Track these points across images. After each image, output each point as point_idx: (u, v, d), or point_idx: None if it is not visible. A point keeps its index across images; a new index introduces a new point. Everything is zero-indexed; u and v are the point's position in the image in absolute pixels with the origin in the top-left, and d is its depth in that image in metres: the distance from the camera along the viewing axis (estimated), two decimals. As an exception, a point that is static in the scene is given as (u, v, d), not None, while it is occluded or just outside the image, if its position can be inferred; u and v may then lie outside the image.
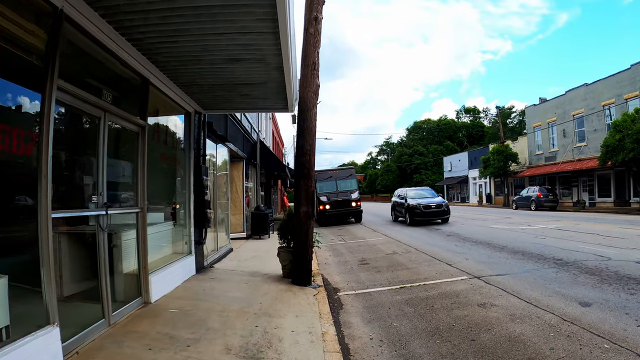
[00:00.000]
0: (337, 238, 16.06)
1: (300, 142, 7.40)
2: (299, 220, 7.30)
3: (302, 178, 7.33)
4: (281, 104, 8.08)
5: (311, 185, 7.31)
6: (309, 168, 7.35)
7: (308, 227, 7.29)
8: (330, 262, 10.70)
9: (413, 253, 11.18)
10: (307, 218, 7.28)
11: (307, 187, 7.29)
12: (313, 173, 7.42)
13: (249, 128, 17.02)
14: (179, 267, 7.48)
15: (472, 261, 9.58)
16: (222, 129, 11.83)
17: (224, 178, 12.38)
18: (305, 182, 7.30)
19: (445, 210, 19.94)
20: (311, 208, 7.30)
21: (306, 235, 7.28)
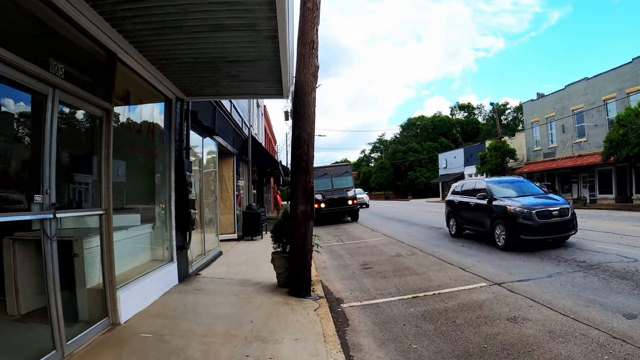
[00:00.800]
0: (334, 239, 15.11)
1: (297, 132, 6.42)
2: (296, 221, 6.32)
3: (300, 172, 6.34)
4: (275, 88, 7.09)
5: (310, 181, 6.33)
6: (307, 161, 6.37)
7: (307, 229, 6.31)
8: (329, 266, 9.74)
9: (419, 255, 10.25)
10: (306, 218, 6.30)
11: (305, 182, 6.31)
12: (312, 166, 6.44)
13: (239, 122, 16.00)
14: (157, 278, 6.47)
15: (487, 264, 8.68)
16: (210, 121, 10.83)
17: (212, 175, 11.36)
18: (304, 176, 6.32)
19: (572, 221, 10.56)
20: (310, 207, 6.33)
21: (304, 238, 6.30)
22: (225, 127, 13.28)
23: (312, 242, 6.64)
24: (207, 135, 10.67)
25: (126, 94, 5.80)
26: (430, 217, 22.58)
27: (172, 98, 7.57)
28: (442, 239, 12.83)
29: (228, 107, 13.40)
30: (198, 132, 9.69)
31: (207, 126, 9.81)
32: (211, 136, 11.15)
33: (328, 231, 18.13)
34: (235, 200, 15.08)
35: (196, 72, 6.26)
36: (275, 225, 7.22)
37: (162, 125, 7.37)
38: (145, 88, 6.40)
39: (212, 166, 11.29)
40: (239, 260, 10.36)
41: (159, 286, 6.62)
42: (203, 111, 10.02)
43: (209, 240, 10.54)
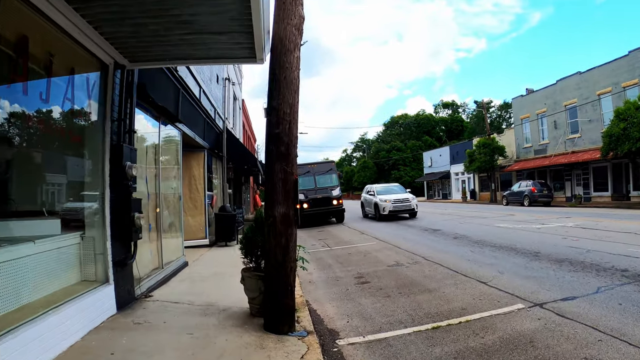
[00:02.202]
0: (320, 243, 13.32)
1: (275, 103, 4.62)
2: (273, 228, 4.51)
3: (278, 160, 4.54)
4: (245, 47, 5.25)
5: (292, 172, 4.55)
6: (289, 144, 4.58)
7: (288, 240, 4.51)
8: (316, 280, 7.96)
9: (423, 264, 8.55)
10: (287, 225, 4.50)
11: (285, 174, 4.51)
12: (295, 152, 4.66)
13: (211, 112, 14.09)
14: (79, 309, 4.61)
15: (511, 275, 7.05)
16: (172, 105, 8.94)
17: (174, 170, 9.45)
18: (283, 166, 4.52)
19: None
20: (293, 209, 4.53)
21: (285, 252, 4.49)
22: (193, 116, 11.38)
23: (297, 256, 4.84)
24: (167, 121, 8.79)
25: (31, 49, 3.93)
26: (422, 217, 20.97)
27: (110, 64, 5.69)
28: (444, 243, 11.18)
29: (197, 93, 11.51)
30: (152, 115, 7.81)
31: (163, 107, 7.91)
32: (173, 123, 9.26)
33: (312, 234, 16.33)
34: (207, 201, 13.17)
35: (130, 15, 4.39)
36: (246, 233, 5.40)
37: (94, 99, 5.49)
38: (67, 46, 4.59)
39: (173, 160, 9.38)
40: (206, 273, 8.50)
41: (83, 321, 4.73)
42: (162, 92, 8.15)
43: (169, 249, 8.64)
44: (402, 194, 21.57)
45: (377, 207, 20.62)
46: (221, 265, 9.38)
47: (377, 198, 21.17)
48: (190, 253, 11.10)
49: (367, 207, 23.31)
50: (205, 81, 12.78)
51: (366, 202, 23.64)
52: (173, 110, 9.01)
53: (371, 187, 24.33)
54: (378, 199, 20.88)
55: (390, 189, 22.72)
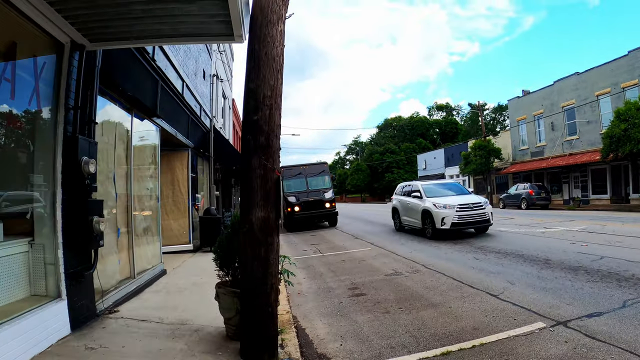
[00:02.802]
0: (311, 249, 12.51)
1: (253, 85, 3.83)
2: (249, 236, 3.71)
3: (256, 153, 3.75)
4: (220, 21, 4.43)
5: (274, 167, 3.76)
6: (270, 133, 3.78)
7: (268, 251, 3.71)
8: (306, 291, 7.16)
9: (424, 273, 7.77)
10: (267, 232, 3.70)
11: (264, 170, 3.72)
12: (278, 144, 3.87)
13: (197, 109, 13.27)
14: (19, 332, 3.84)
15: (523, 286, 6.31)
16: (149, 97, 8.15)
17: (150, 169, 8.62)
18: (262, 160, 3.72)
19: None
20: (275, 212, 3.73)
21: (264, 266, 3.69)
22: (175, 111, 10.57)
23: (280, 269, 4.05)
24: (142, 115, 7.98)
25: None
26: (418, 221, 20.25)
27: (66, 43, 4.90)
28: (444, 249, 10.42)
29: (179, 87, 10.71)
30: (122, 106, 6.99)
31: (136, 98, 7.11)
32: (150, 118, 8.45)
33: (304, 238, 15.52)
34: (192, 203, 12.34)
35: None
36: (220, 240, 4.60)
37: (39, 80, 4.67)
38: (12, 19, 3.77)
39: (150, 158, 8.56)
40: (185, 284, 7.68)
41: (26, 345, 3.94)
42: (136, 82, 7.36)
43: (143, 256, 7.82)
44: (467, 195, 13.83)
45: (430, 216, 12.83)
46: (204, 273, 8.54)
47: (427, 202, 13.24)
48: (172, 259, 10.28)
49: (407, 216, 15.09)
50: (189, 75, 11.97)
51: (404, 208, 15.41)
52: (150, 103, 8.20)
53: (414, 185, 15.52)
54: (430, 204, 13.01)
55: (446, 189, 14.55)
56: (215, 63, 17.68)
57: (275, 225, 3.73)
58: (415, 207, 14.12)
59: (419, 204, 13.73)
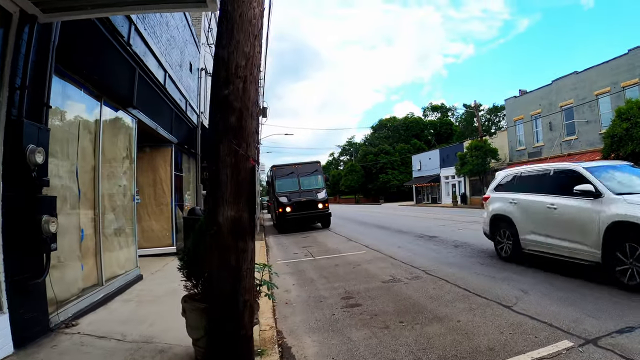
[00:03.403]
0: (302, 251, 11.75)
1: (224, 52, 3.09)
2: (216, 241, 2.96)
3: (226, 136, 3.00)
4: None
5: (247, 153, 3.02)
6: (243, 111, 3.04)
7: (240, 259, 2.96)
8: (294, 300, 6.41)
9: (426, 280, 7.05)
10: (238, 236, 2.96)
11: (236, 158, 2.97)
12: (254, 125, 3.13)
13: (182, 103, 12.50)
14: None
15: (538, 296, 5.63)
16: (124, 85, 7.40)
17: (124, 164, 7.84)
18: (232, 145, 2.98)
19: None
20: (248, 210, 2.98)
21: (235, 278, 2.94)
22: (156, 104, 9.80)
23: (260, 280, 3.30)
24: (115, 104, 7.21)
25: None
26: (415, 222, 19.57)
27: (14, 12, 4.17)
28: (445, 253, 9.71)
29: (161, 78, 9.94)
30: (89, 92, 6.21)
31: (104, 84, 6.34)
32: (125, 108, 7.68)
33: (295, 240, 14.77)
34: (175, 203, 11.56)
35: None
36: (187, 247, 3.85)
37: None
38: None
39: (124, 152, 7.77)
40: (160, 291, 6.91)
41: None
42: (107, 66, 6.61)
43: (114, 260, 7.04)
44: None
45: None
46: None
47: (622, 204, 5.91)
48: (152, 263, 9.52)
49: (546, 233, 7.28)
50: (173, 66, 11.20)
51: (534, 217, 7.64)
52: (125, 92, 7.45)
53: (570, 167, 7.31)
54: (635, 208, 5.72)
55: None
56: (204, 57, 16.91)
57: (250, 227, 2.99)
58: (573, 217, 6.73)
59: (590, 208, 6.39)
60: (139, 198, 11.03)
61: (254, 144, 3.05)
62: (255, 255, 3.13)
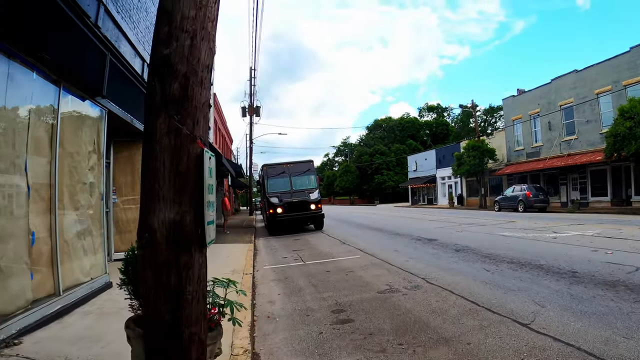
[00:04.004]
0: (292, 255, 10.96)
1: (168, 2, 2.28)
2: (150, 253, 2.16)
3: (165, 108, 2.21)
4: None
5: (195, 136, 2.23)
6: (190, 76, 2.25)
7: (183, 278, 2.18)
8: (279, 314, 5.62)
9: (427, 290, 6.28)
10: (179, 246, 2.17)
11: (178, 138, 2.20)
12: (205, 95, 2.34)
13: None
14: None
15: (558, 310, 4.87)
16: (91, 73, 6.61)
17: (91, 159, 7.01)
18: (171, 121, 2.19)
19: None
20: (193, 212, 2.19)
21: (176, 302, 2.16)
22: (132, 95, 8.98)
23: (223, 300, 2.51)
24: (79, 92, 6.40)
25: None
26: (412, 224, 18.83)
27: None
28: (446, 258, 8.96)
29: (138, 67, 9.15)
30: (42, 75, 5.40)
31: (63, 68, 5.54)
32: (92, 97, 6.87)
33: (285, 243, 13.97)
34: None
35: None
36: (127, 258, 3.07)
37: None
38: None
39: (90, 146, 6.95)
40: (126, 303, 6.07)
41: None
42: (69, 49, 5.79)
43: (75, 268, 6.22)
44: None
45: None
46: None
47: None
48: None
49: None
50: (153, 56, 10.38)
51: None
52: (93, 80, 6.65)
53: None
54: None
55: None
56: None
57: (197, 234, 2.21)
58: None
59: None
60: (116, 197, 10.24)
61: (204, 122, 2.28)
62: (205, 270, 2.33)
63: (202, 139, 2.23)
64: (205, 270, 2.33)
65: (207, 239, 2.26)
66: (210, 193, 2.32)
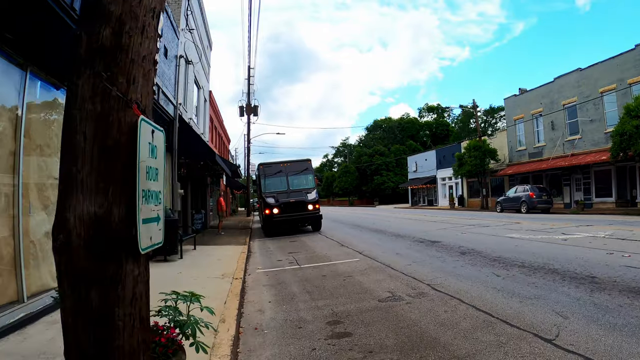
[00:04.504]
0: (287, 258, 10.35)
1: None
2: (65, 260, 1.55)
3: (91, 63, 1.61)
4: None
5: (130, 100, 1.63)
6: (126, 23, 1.65)
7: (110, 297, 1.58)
8: (267, 325, 5.01)
9: (433, 298, 5.68)
10: (102, 252, 1.56)
11: (105, 104, 1.59)
12: (147, 49, 1.75)
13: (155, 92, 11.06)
14: None
15: (583, 322, 4.28)
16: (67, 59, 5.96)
17: (44, 152, 6.40)
18: (97, 79, 1.58)
19: None
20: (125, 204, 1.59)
21: (102, 332, 1.56)
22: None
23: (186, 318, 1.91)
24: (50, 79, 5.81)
25: None
26: (413, 225, 18.22)
27: None
28: (451, 262, 8.37)
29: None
30: (4, 56, 4.81)
31: (29, 49, 4.95)
32: (65, 85, 6.26)
33: (281, 245, 13.36)
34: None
35: None
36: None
37: None
38: None
39: (45, 135, 6.34)
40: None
41: None
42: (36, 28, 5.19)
43: (42, 272, 5.62)
44: None
45: None
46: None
47: None
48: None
49: None
50: (140, 46, 9.79)
51: None
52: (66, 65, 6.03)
53: None
54: None
55: None
56: (184, 44, 15.51)
57: (129, 236, 1.61)
58: None
59: None
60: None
61: (145, 83, 1.70)
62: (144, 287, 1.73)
63: (139, 104, 1.64)
64: (144, 286, 1.74)
65: (144, 242, 1.67)
66: (152, 180, 1.74)
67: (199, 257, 10.61)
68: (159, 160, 1.92)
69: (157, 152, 1.86)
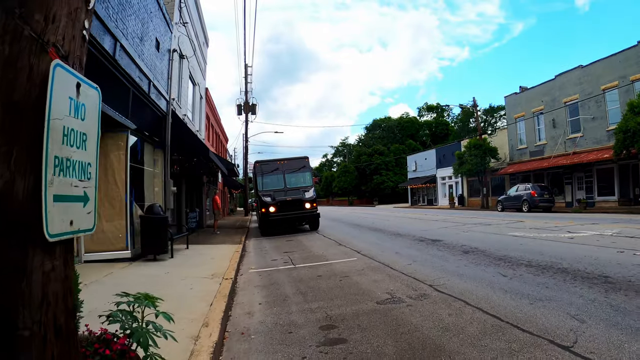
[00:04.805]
0: (282, 258, 9.94)
1: None
2: None
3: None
4: None
5: (44, 44, 1.23)
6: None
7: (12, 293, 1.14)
8: (255, 329, 4.59)
9: (436, 300, 5.27)
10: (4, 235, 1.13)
11: (15, 46, 1.17)
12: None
13: (143, 84, 10.69)
14: None
15: (601, 326, 3.89)
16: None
17: None
18: (10, 17, 1.15)
19: None
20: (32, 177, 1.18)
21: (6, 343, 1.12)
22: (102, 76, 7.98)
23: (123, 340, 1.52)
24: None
25: None
26: (413, 224, 17.83)
27: None
28: (454, 261, 7.97)
29: (109, 47, 8.20)
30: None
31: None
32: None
33: (277, 244, 12.95)
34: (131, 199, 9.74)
35: None
36: None
37: None
38: None
39: None
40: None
41: None
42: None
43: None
44: None
45: None
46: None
47: None
48: (93, 271, 7.71)
49: None
50: (128, 36, 9.41)
51: None
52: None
53: None
54: None
55: None
56: (179, 38, 15.11)
57: (37, 214, 1.21)
58: None
59: None
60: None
61: (74, 25, 1.30)
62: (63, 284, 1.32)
63: (59, 48, 1.24)
64: (62, 286, 1.33)
65: (56, 227, 1.27)
66: (74, 146, 1.33)
67: (190, 257, 10.21)
68: (89, 123, 1.52)
69: (85, 113, 1.46)
